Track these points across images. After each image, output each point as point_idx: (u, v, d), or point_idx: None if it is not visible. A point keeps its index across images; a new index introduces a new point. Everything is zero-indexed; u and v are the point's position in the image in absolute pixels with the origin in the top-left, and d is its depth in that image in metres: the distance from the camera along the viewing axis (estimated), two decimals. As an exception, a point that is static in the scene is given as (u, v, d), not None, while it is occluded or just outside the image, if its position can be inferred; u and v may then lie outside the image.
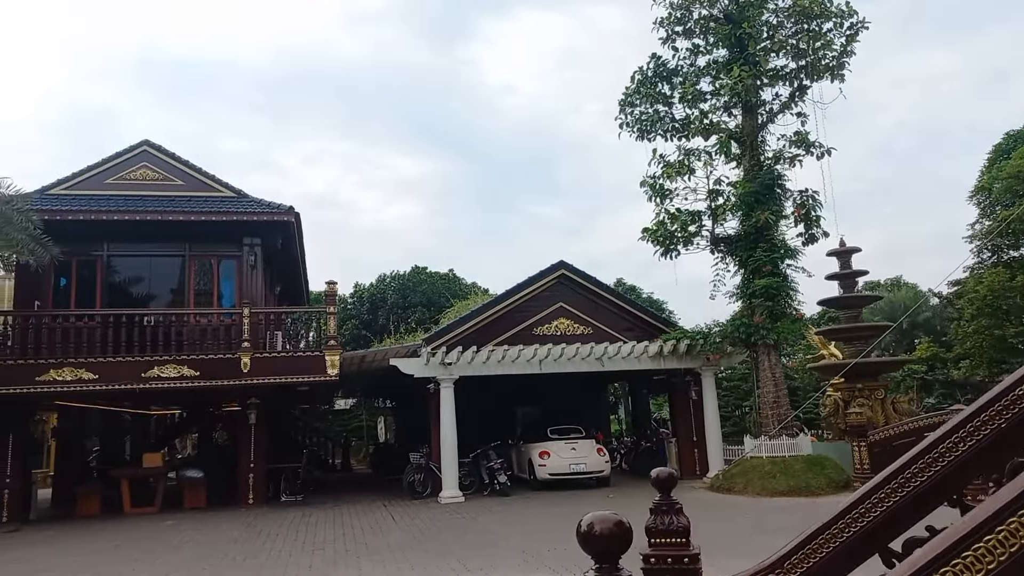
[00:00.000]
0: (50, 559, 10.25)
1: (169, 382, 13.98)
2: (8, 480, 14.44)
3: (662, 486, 3.40)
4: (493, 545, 9.75)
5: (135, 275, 16.46)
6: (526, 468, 17.17)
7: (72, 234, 14.39)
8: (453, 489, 15.25)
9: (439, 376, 15.67)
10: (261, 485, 15.76)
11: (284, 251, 17.68)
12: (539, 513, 12.89)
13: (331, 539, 10.89)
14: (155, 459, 16.05)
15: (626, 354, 16.22)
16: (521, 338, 16.50)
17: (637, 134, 17.29)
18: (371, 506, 15.04)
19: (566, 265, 17.15)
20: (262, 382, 14.58)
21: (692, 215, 16.37)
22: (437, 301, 32.56)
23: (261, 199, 16.60)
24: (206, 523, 13.29)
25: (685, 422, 17.74)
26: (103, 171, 16.17)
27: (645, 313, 17.45)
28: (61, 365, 13.66)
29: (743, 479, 13.96)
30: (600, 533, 2.14)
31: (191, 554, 10.12)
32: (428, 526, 11.77)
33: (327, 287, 15.39)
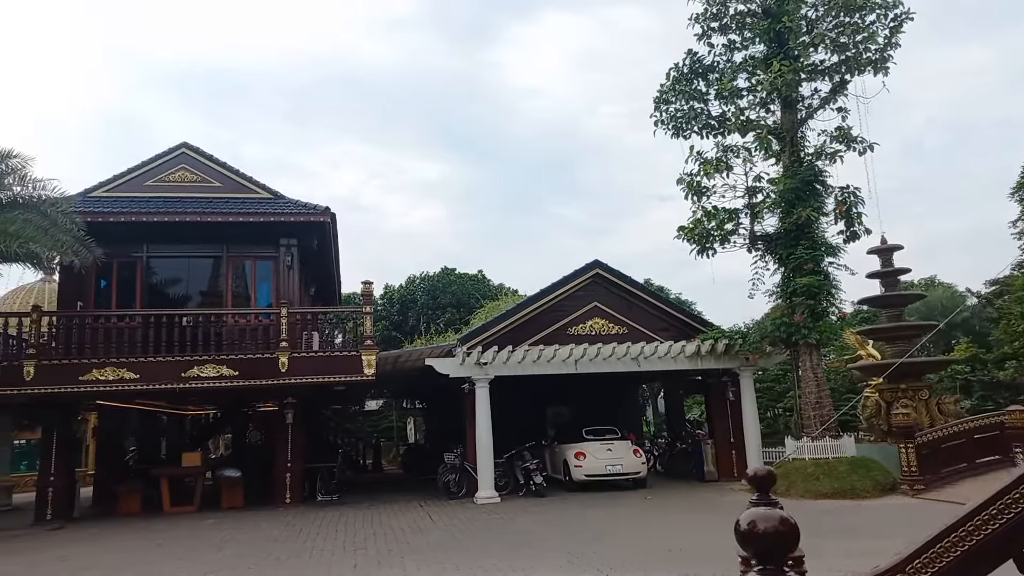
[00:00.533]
0: (95, 557, 10.37)
1: (209, 382, 14.10)
2: (53, 478, 14.67)
3: (760, 484, 3.26)
4: (534, 546, 9.65)
5: (174, 276, 16.66)
6: (561, 469, 17.04)
7: (113, 236, 14.59)
8: (489, 489, 15.17)
9: (474, 376, 15.62)
10: (298, 484, 15.84)
11: (319, 252, 17.77)
12: (577, 514, 12.76)
13: (371, 539, 10.87)
14: (194, 458, 16.20)
15: (663, 354, 16.01)
16: (555, 338, 16.38)
17: (672, 131, 17.06)
18: (407, 506, 15.03)
19: (601, 264, 16.99)
20: (299, 382, 14.63)
21: (729, 213, 16.10)
22: (467, 302, 32.54)
23: (297, 200, 16.70)
24: (245, 522, 13.37)
25: (722, 423, 17.47)
26: (143, 173, 16.39)
27: (681, 312, 17.23)
28: (104, 365, 13.84)
29: (785, 481, 13.67)
30: (764, 531, 2.02)
31: (233, 553, 10.17)
32: (467, 526, 11.71)
33: (363, 287, 15.40)
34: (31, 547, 11.57)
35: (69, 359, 13.89)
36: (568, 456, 16.49)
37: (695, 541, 9.57)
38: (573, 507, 13.74)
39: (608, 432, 17.14)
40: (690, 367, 16.56)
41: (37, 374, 13.52)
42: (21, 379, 13.44)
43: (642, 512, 12.67)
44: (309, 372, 14.71)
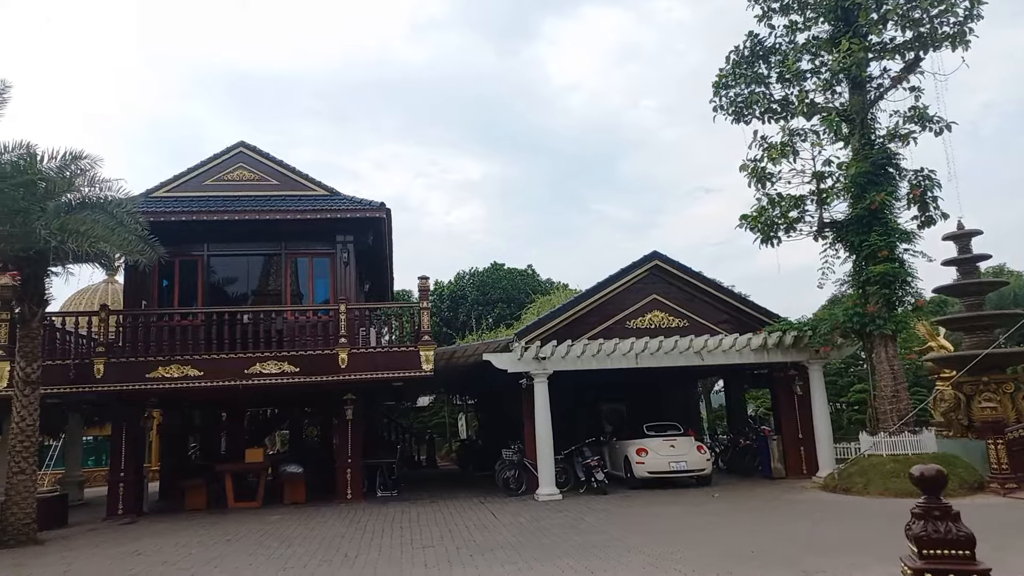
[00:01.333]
0: (168, 552, 10.46)
1: (270, 378, 14.18)
2: (123, 473, 14.98)
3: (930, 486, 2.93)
4: (608, 546, 9.35)
5: (234, 274, 16.84)
6: (621, 466, 16.69)
7: (175, 235, 14.79)
8: (550, 487, 14.93)
9: (532, 371, 15.37)
10: (358, 480, 15.84)
11: (373, 249, 17.76)
12: (645, 512, 12.40)
13: (438, 537, 10.73)
14: (257, 455, 16.35)
15: (727, 347, 15.50)
16: (613, 332, 16.04)
17: (733, 116, 16.56)
18: (468, 503, 14.89)
19: (660, 256, 16.55)
20: (359, 378, 14.60)
21: (795, 200, 15.51)
22: (517, 297, 32.32)
23: (352, 196, 16.70)
24: (309, 518, 13.40)
25: (789, 419, 16.86)
26: (202, 173, 16.61)
27: (745, 304, 16.64)
28: (169, 362, 14.03)
29: (862, 479, 13.09)
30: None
31: (303, 550, 10.13)
32: (533, 524, 11.48)
33: (419, 282, 15.30)
34: (107, 540, 11.77)
35: (136, 357, 14.14)
36: (629, 453, 16.13)
37: (774, 542, 9.14)
38: (638, 505, 13.39)
39: (670, 428, 16.72)
40: (756, 361, 16.00)
41: (106, 372, 13.79)
42: (92, 376, 13.73)
43: (712, 511, 12.24)
44: (368, 368, 14.67)
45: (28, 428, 12.14)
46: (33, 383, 12.33)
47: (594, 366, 15.48)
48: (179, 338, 14.65)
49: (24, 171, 10.12)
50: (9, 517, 11.71)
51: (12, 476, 11.91)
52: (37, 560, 10.26)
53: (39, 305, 12.68)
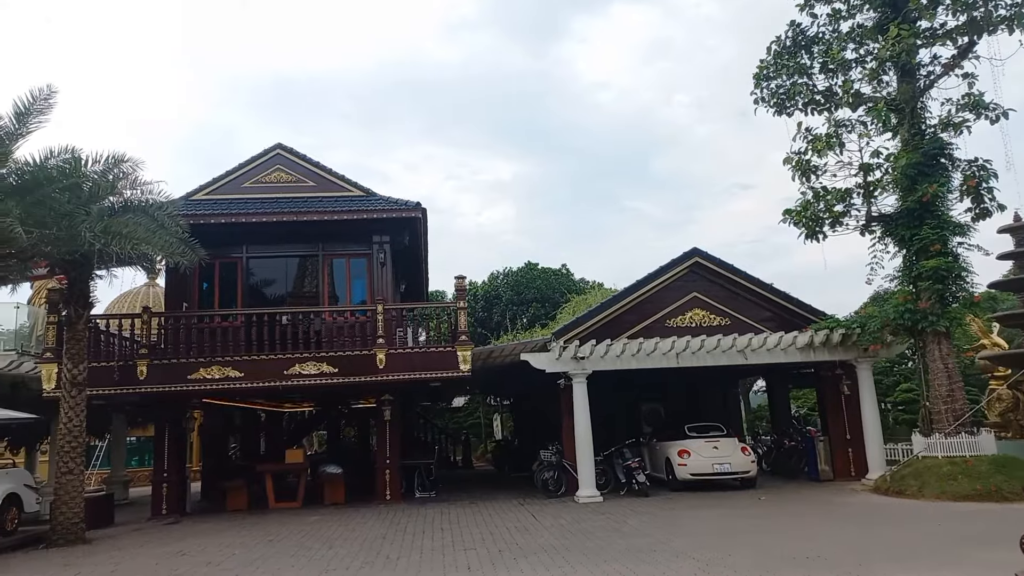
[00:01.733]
0: (212, 553, 10.49)
1: (310, 379, 14.20)
2: (166, 474, 15.15)
3: None
4: (655, 550, 9.10)
5: (272, 275, 16.94)
6: (662, 467, 16.38)
7: (214, 237, 14.89)
8: (590, 488, 14.69)
9: (571, 371, 15.16)
10: (397, 481, 15.79)
11: (409, 249, 17.73)
12: (689, 516, 12.10)
13: (479, 538, 10.58)
14: (297, 455, 16.43)
15: (772, 346, 15.08)
16: (652, 331, 15.74)
17: (774, 109, 16.12)
18: (507, 504, 14.74)
19: (700, 252, 16.20)
20: (397, 378, 14.56)
21: (841, 193, 15.03)
22: (551, 297, 32.09)
23: (388, 196, 16.68)
24: (349, 519, 13.37)
25: (837, 419, 16.35)
26: (240, 175, 16.74)
27: (789, 301, 16.18)
28: (210, 364, 14.14)
29: (917, 481, 12.60)
30: None
31: (345, 551, 10.07)
32: (575, 527, 11.26)
33: (456, 282, 15.19)
34: (152, 540, 11.88)
35: (178, 358, 14.28)
36: (671, 454, 15.80)
37: (827, 547, 8.78)
38: (682, 508, 13.08)
39: (712, 429, 16.35)
40: (801, 360, 15.55)
41: (149, 373, 13.95)
42: (135, 378, 13.91)
43: (760, 514, 11.88)
44: (406, 368, 14.62)
45: (75, 428, 12.32)
46: (80, 384, 12.52)
47: (634, 366, 15.20)
48: (220, 339, 14.76)
49: (69, 174, 10.25)
50: (58, 516, 11.89)
51: (60, 476, 12.10)
52: (86, 559, 10.38)
53: (84, 307, 12.87)
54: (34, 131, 10.15)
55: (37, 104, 9.96)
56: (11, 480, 12.72)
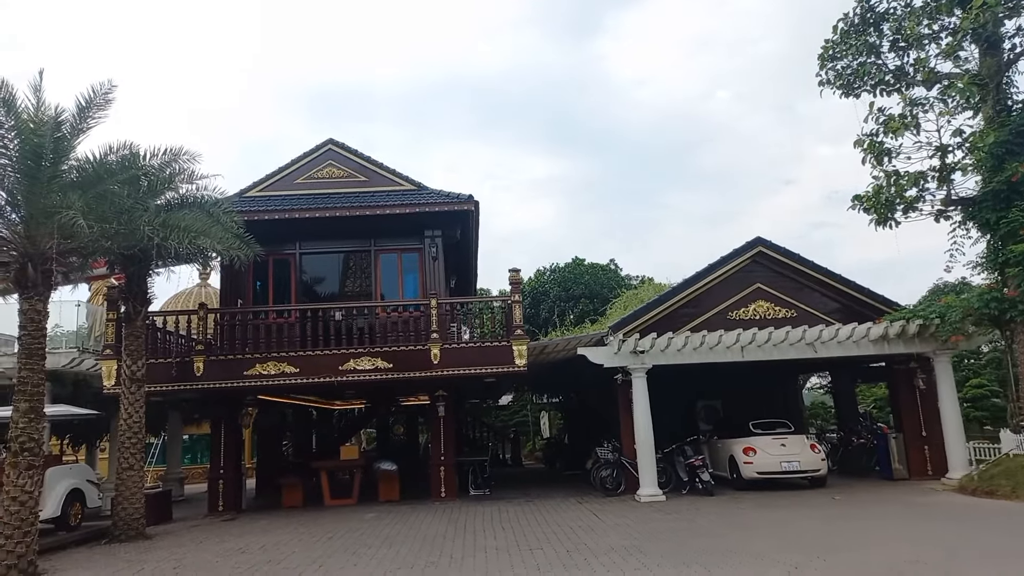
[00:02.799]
0: (272, 551, 10.33)
1: (364, 375, 14.02)
2: (222, 470, 15.15)
3: None
4: (736, 552, 8.58)
5: (325, 271, 16.84)
6: (725, 465, 15.76)
7: (268, 234, 14.81)
8: (652, 487, 14.18)
9: (630, 365, 14.66)
10: (452, 478, 15.52)
11: (460, 243, 17.47)
12: (762, 516, 11.49)
13: (543, 538, 10.20)
14: (352, 451, 16.30)
15: (844, 338, 14.34)
16: (713, 324, 15.13)
17: (841, 90, 15.39)
18: (564, 502, 14.33)
19: (764, 242, 15.53)
20: (451, 373, 14.28)
21: (915, 177, 14.21)
22: (600, 293, 31.53)
23: (440, 190, 16.43)
24: (406, 517, 13.13)
25: (911, 415, 15.51)
26: (293, 171, 16.69)
27: (860, 292, 15.38)
28: (266, 360, 14.08)
29: (1009, 481, 11.77)
30: None
31: (406, 549, 9.80)
32: (643, 527, 10.78)
33: (510, 275, 14.82)
34: (210, 537, 11.81)
35: (234, 354, 14.24)
36: (735, 452, 15.18)
37: (928, 551, 8.14)
38: (752, 508, 12.48)
39: (779, 425, 15.67)
40: (874, 352, 14.76)
41: (206, 369, 13.94)
42: (192, 374, 13.91)
43: (838, 515, 11.21)
44: (460, 364, 14.33)
45: (135, 424, 12.34)
46: (139, 380, 12.53)
47: (696, 360, 14.62)
48: (275, 336, 14.70)
49: (128, 167, 10.20)
50: (120, 512, 11.91)
51: (121, 472, 12.13)
52: (148, 555, 10.32)
53: (142, 304, 12.90)
54: (94, 126, 10.12)
55: (97, 99, 9.92)
56: (74, 475, 12.82)
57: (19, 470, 9.42)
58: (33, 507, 9.49)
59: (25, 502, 9.37)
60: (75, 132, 10.01)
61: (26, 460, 9.48)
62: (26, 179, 9.57)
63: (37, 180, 9.55)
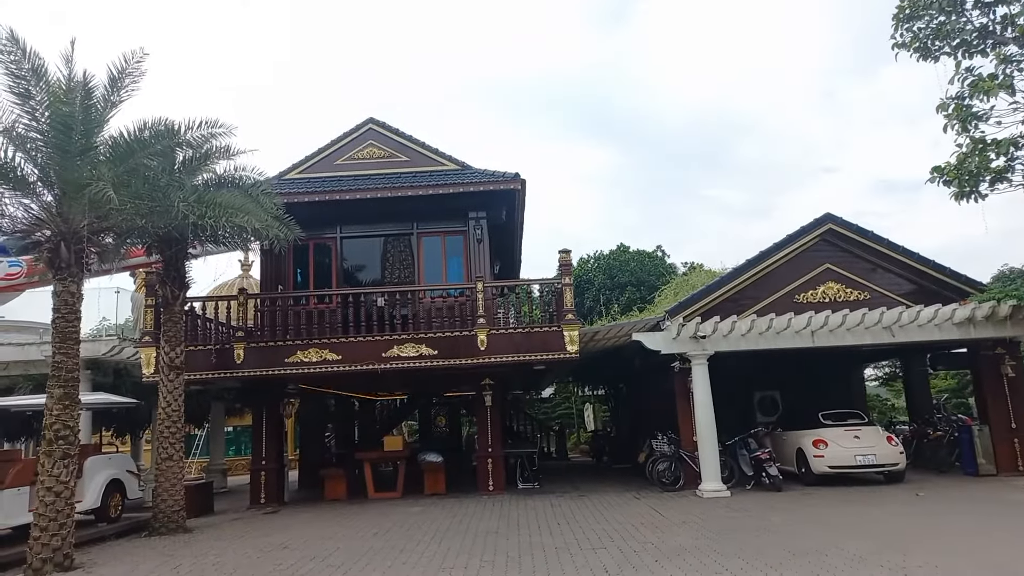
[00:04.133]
0: (315, 545, 9.74)
1: (409, 362, 13.37)
2: (264, 462, 14.69)
3: None
4: (827, 553, 7.66)
5: (366, 255, 16.20)
6: (791, 459, 14.70)
7: (308, 217, 14.22)
8: (715, 482, 13.25)
9: (690, 351, 13.72)
10: (500, 471, 14.82)
11: (504, 226, 16.70)
12: (843, 513, 10.48)
13: (605, 536, 9.39)
14: (396, 443, 15.69)
15: (925, 321, 13.17)
16: (778, 307, 14.09)
17: (918, 53, 14.09)
18: (620, 497, 13.50)
19: (834, 218, 14.43)
20: (499, 360, 13.54)
21: (1006, 144, 12.92)
22: (646, 280, 30.47)
23: (484, 169, 15.67)
24: (454, 511, 12.47)
25: (999, 406, 14.24)
26: (332, 152, 16.12)
27: (940, 271, 14.18)
28: (307, 346, 13.54)
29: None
30: None
31: (458, 546, 9.10)
32: (712, 525, 9.90)
33: (560, 256, 13.99)
34: (252, 531, 11.30)
35: (275, 341, 13.74)
36: (804, 444, 14.13)
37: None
38: (829, 504, 11.47)
39: (851, 416, 14.59)
40: (958, 336, 13.56)
41: (247, 357, 13.46)
42: (233, 362, 13.44)
43: (931, 512, 10.16)
44: (508, 350, 13.58)
45: (174, 413, 11.89)
46: (177, 368, 12.08)
47: (762, 346, 13.62)
48: (316, 322, 14.17)
49: (162, 138, 9.66)
50: (160, 504, 11.48)
51: (161, 463, 11.70)
52: (187, 550, 9.82)
53: (180, 288, 12.45)
54: (127, 99, 9.59)
55: (129, 67, 9.37)
56: (114, 465, 12.45)
57: (54, 459, 8.98)
58: (69, 498, 9.05)
59: (60, 493, 8.93)
60: (107, 104, 9.51)
61: (61, 449, 9.04)
62: (57, 153, 9.10)
63: (68, 154, 9.07)
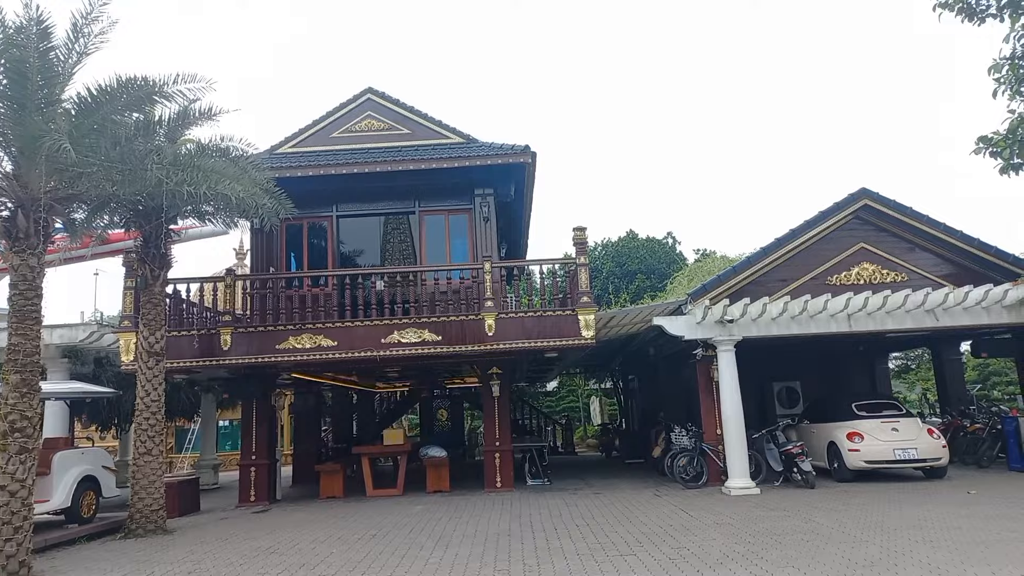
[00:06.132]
0: (307, 551, 8.70)
1: (410, 348, 12.30)
2: (254, 457, 13.66)
3: None
4: (896, 563, 6.60)
5: (364, 236, 15.07)
6: (821, 453, 13.66)
7: (302, 194, 13.11)
8: (743, 478, 12.22)
9: (716, 337, 12.67)
10: (509, 467, 13.77)
11: (512, 205, 15.62)
12: (896, 514, 9.42)
13: (632, 540, 8.33)
14: (397, 436, 14.66)
15: (972, 303, 12.13)
16: (808, 290, 13.02)
17: (962, 14, 12.99)
18: (638, 495, 12.47)
19: (870, 193, 13.36)
20: (508, 347, 12.48)
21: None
22: (657, 268, 29.40)
23: (491, 142, 14.58)
24: (459, 510, 11.43)
25: (1047, 395, 13.24)
26: (328, 125, 15.04)
27: (985, 251, 13.11)
28: (300, 332, 12.45)
29: None
30: None
31: (466, 552, 8.05)
32: (751, 528, 8.84)
33: (575, 235, 12.88)
34: (238, 532, 10.25)
35: (265, 326, 12.66)
36: (837, 438, 13.08)
37: None
38: (874, 504, 10.40)
39: (887, 407, 13.54)
40: (1007, 321, 12.50)
41: (234, 343, 12.39)
42: (219, 349, 12.37)
43: (995, 517, 9.07)
44: (518, 336, 12.51)
45: (153, 404, 10.82)
46: (157, 354, 11.01)
47: (794, 331, 12.56)
48: (310, 306, 13.12)
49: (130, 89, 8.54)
50: (137, 503, 10.43)
51: (139, 457, 10.63)
52: (163, 554, 8.76)
53: (161, 267, 11.37)
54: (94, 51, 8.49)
55: (94, 11, 8.25)
56: (87, 461, 11.36)
57: (9, 454, 7.90)
58: (26, 498, 7.98)
59: (16, 492, 7.86)
60: (71, 54, 8.40)
61: (17, 443, 7.96)
62: (13, 106, 8.01)
63: (25, 108, 7.97)
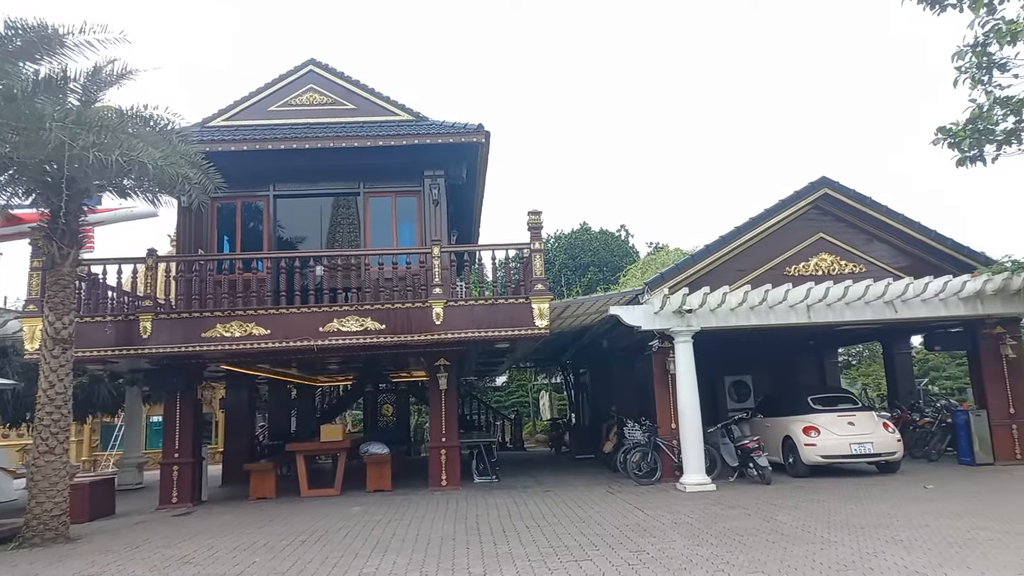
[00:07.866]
0: (225, 559, 7.80)
1: (351, 337, 11.41)
2: (177, 455, 12.56)
3: None
4: (873, 568, 6.13)
5: (305, 218, 14.00)
6: (777, 448, 13.36)
7: (235, 172, 12.12)
8: (699, 474, 11.78)
9: (673, 328, 12.19)
10: (455, 464, 13.02)
11: (465, 187, 14.84)
12: (859, 511, 9.04)
13: (587, 543, 7.70)
14: (335, 432, 13.73)
15: (931, 294, 11.95)
16: (766, 281, 12.69)
17: (925, 2, 12.81)
18: (591, 492, 11.92)
19: (830, 183, 13.07)
20: (458, 336, 11.71)
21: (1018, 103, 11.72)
22: (610, 261, 29.04)
23: (443, 121, 13.77)
24: (402, 511, 10.64)
25: (997, 390, 13.18)
26: (265, 97, 13.98)
27: (941, 243, 12.98)
28: (229, 319, 11.43)
29: None
30: None
31: (405, 560, 7.29)
32: (709, 527, 8.31)
33: (529, 218, 12.18)
34: (153, 538, 9.22)
35: (190, 313, 11.59)
36: (793, 432, 12.78)
37: None
38: (835, 500, 10.04)
39: (842, 400, 13.33)
40: (964, 313, 12.38)
41: (155, 330, 11.29)
42: (138, 336, 11.26)
43: (964, 512, 8.77)
44: (468, 325, 11.77)
45: (58, 397, 9.68)
46: (64, 342, 9.86)
47: (753, 322, 12.19)
48: (241, 291, 12.07)
49: (22, 32, 7.44)
50: (35, 508, 9.27)
51: (38, 457, 9.48)
52: (57, 567, 7.70)
53: (71, 246, 10.19)
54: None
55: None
56: (-20, 460, 10.13)
57: None
58: None
59: None
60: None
61: None
62: None
63: None
